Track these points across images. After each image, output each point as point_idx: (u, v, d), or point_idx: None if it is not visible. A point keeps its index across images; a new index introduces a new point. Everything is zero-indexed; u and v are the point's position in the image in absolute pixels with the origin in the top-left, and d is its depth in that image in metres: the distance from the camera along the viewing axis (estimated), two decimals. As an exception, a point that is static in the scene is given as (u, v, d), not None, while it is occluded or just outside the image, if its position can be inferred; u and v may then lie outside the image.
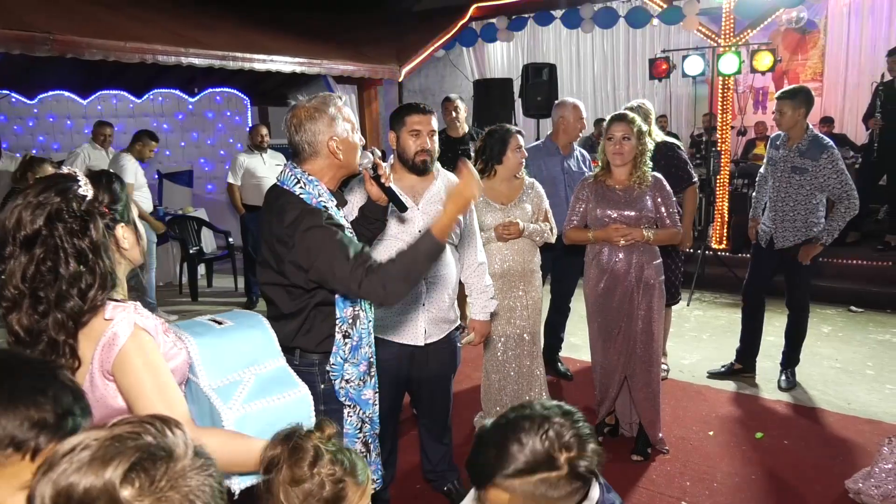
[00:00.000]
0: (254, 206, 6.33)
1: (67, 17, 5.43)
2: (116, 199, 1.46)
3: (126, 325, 1.34)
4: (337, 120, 2.04)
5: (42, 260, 1.31)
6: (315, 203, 1.98)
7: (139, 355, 1.33)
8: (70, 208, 1.33)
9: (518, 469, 1.15)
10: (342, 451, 0.97)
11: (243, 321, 1.66)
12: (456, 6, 8.61)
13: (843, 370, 4.43)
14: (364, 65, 7.51)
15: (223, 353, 1.54)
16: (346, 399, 2.08)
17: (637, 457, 3.36)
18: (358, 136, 2.10)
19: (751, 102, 9.41)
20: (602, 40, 9.84)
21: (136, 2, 6.81)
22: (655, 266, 3.24)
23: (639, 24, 7.86)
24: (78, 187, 1.36)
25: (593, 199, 3.26)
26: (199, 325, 1.61)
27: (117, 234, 1.45)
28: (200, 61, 5.91)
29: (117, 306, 1.37)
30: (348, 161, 2.07)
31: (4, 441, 0.88)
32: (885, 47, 8.21)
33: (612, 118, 3.24)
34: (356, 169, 2.12)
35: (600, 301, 3.29)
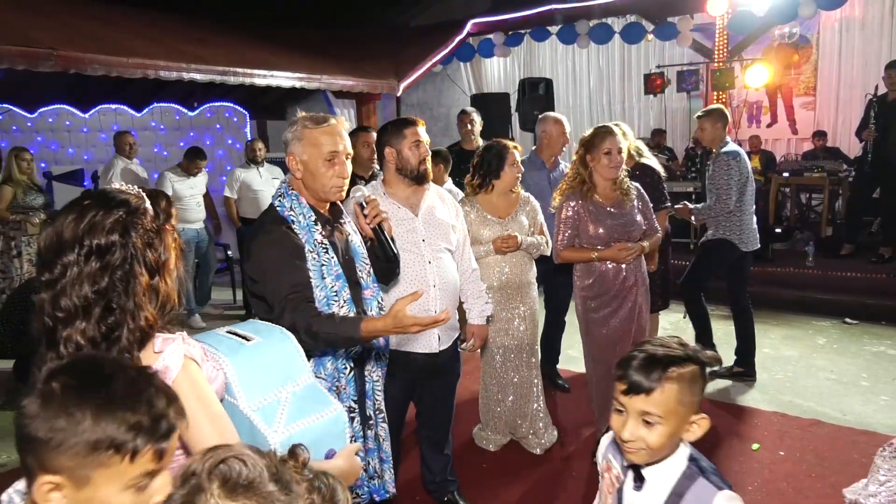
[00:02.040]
0: (251, 219, 6.40)
1: (70, 34, 5.50)
2: (167, 211, 1.41)
3: (177, 357, 1.31)
4: (301, 141, 2.03)
5: (117, 268, 1.26)
6: (286, 215, 2.03)
7: (191, 388, 1.30)
8: (144, 221, 1.32)
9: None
10: (318, 476, 0.92)
11: (268, 335, 1.61)
12: (453, 22, 8.72)
13: (838, 381, 4.47)
14: (363, 80, 7.59)
15: (259, 372, 1.51)
16: None
17: None
18: (334, 168, 2.03)
19: (745, 117, 9.51)
20: (598, 56, 9.95)
21: (137, 18, 6.90)
22: (645, 271, 3.41)
23: (634, 40, 7.97)
24: (124, 196, 1.33)
25: (585, 217, 3.25)
26: (224, 341, 1.56)
27: (162, 248, 1.40)
28: (202, 76, 5.98)
29: (167, 339, 1.33)
30: (311, 185, 2.05)
31: (105, 443, 0.92)
32: (877, 61, 8.35)
33: (606, 132, 3.21)
34: (326, 196, 2.08)
35: (603, 313, 3.31)
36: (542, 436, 3.58)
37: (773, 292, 6.43)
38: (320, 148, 2.02)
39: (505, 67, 10.25)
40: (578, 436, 3.80)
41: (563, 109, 9.65)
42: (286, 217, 2.03)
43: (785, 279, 6.62)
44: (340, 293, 2.04)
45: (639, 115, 9.90)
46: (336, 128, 2.06)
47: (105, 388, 0.96)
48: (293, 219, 2.03)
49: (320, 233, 2.05)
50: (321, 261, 2.02)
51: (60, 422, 0.92)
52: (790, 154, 8.99)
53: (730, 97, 8.27)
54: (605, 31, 7.87)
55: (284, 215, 2.04)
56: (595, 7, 7.72)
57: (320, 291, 2.00)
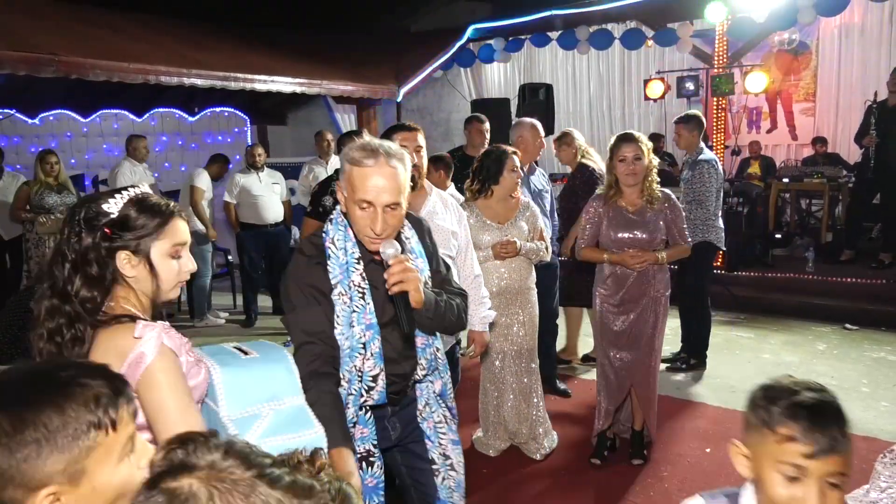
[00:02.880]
0: (250, 224, 6.41)
1: (72, 39, 5.52)
2: (129, 227, 1.46)
3: (153, 344, 1.38)
4: (343, 173, 1.81)
5: (52, 261, 1.45)
6: (326, 245, 1.85)
7: (164, 374, 1.37)
8: (76, 215, 1.45)
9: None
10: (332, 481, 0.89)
11: (268, 354, 1.64)
12: (454, 27, 8.75)
13: (838, 387, 4.45)
14: (363, 85, 7.61)
15: (245, 385, 1.54)
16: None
17: (637, 460, 3.46)
18: (366, 218, 1.76)
19: (745, 122, 9.52)
20: (598, 61, 9.97)
21: (139, 23, 6.92)
22: (665, 281, 3.39)
23: (634, 45, 7.99)
24: (104, 203, 1.45)
25: (605, 221, 3.34)
26: (224, 352, 1.62)
27: (117, 259, 1.45)
28: (202, 82, 6.00)
29: (147, 325, 1.40)
30: (353, 222, 1.82)
31: (85, 427, 0.93)
32: (876, 68, 8.37)
33: (620, 139, 3.29)
34: (364, 243, 1.83)
35: (612, 315, 3.39)
36: (543, 441, 3.58)
37: (774, 298, 6.43)
38: (354, 192, 1.76)
39: (505, 73, 10.27)
40: (579, 441, 3.79)
41: (563, 115, 9.67)
42: (325, 248, 1.84)
43: (785, 285, 6.62)
44: (368, 345, 1.84)
45: (639, 121, 9.90)
46: (378, 170, 1.74)
47: (53, 385, 0.96)
48: (331, 253, 1.82)
49: (360, 273, 1.83)
50: (352, 307, 1.82)
51: (28, 434, 0.90)
52: (790, 160, 9.00)
53: (729, 103, 8.28)
54: (605, 37, 7.89)
55: (324, 246, 1.84)
56: (595, 13, 7.74)
57: (346, 341, 1.82)
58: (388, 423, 2.00)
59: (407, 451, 2.08)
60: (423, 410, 2.02)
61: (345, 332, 1.82)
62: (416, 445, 2.05)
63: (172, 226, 1.51)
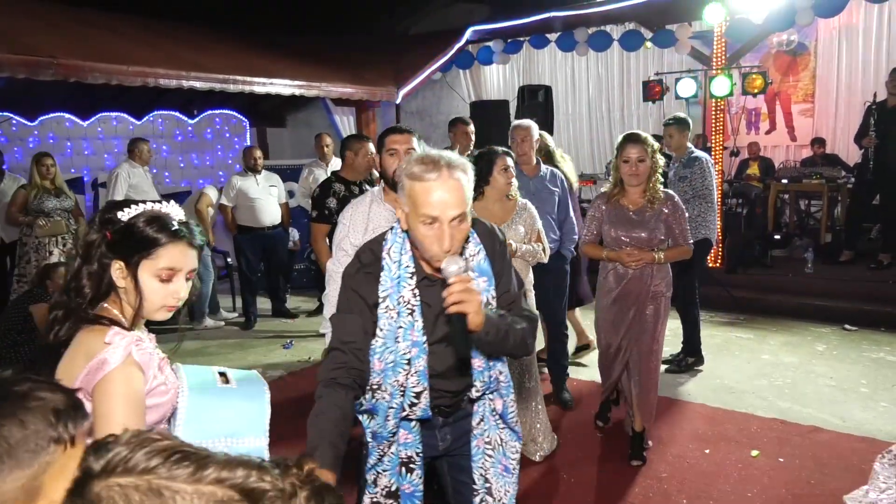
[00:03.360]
0: (248, 226, 6.42)
1: (70, 42, 5.53)
2: (128, 238, 1.48)
3: (119, 353, 1.39)
4: (404, 189, 1.68)
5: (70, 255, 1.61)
6: (383, 254, 1.78)
7: (121, 386, 1.37)
8: (98, 214, 1.54)
9: None
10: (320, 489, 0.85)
11: (247, 389, 1.60)
12: (452, 29, 8.75)
13: (837, 388, 4.47)
14: (362, 87, 7.61)
15: (208, 415, 1.52)
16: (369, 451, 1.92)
17: (636, 462, 3.49)
18: (431, 235, 1.64)
19: (744, 123, 9.53)
20: (597, 63, 9.97)
21: (137, 26, 6.93)
22: (666, 280, 3.45)
23: (632, 47, 8.00)
24: (122, 210, 1.50)
25: (607, 219, 3.43)
26: (206, 375, 1.60)
27: (112, 267, 1.49)
28: (201, 84, 6.01)
29: (119, 333, 1.41)
30: (416, 241, 1.70)
31: (45, 443, 0.91)
32: (875, 69, 8.37)
33: (626, 139, 3.35)
34: (430, 261, 1.71)
35: (611, 310, 3.48)
36: (542, 444, 3.58)
37: (773, 299, 6.43)
38: (417, 208, 1.64)
39: (504, 75, 10.27)
40: (579, 443, 3.80)
41: (562, 116, 9.68)
42: (381, 257, 1.77)
43: (784, 286, 6.62)
44: (414, 362, 1.76)
45: (637, 122, 9.91)
46: (441, 183, 1.62)
47: (9, 402, 0.93)
48: (387, 264, 1.75)
49: (412, 290, 1.75)
50: (399, 322, 1.75)
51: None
52: (789, 161, 9.00)
53: (728, 104, 8.28)
54: (603, 39, 7.89)
55: (382, 254, 1.77)
56: (593, 15, 7.74)
57: (389, 354, 1.77)
58: (437, 433, 1.93)
59: (454, 463, 2.01)
60: (476, 427, 1.92)
61: (389, 345, 1.76)
62: (463, 460, 1.96)
63: (172, 248, 1.49)
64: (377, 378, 1.80)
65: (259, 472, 0.76)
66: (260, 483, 0.74)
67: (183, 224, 1.53)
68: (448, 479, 2.04)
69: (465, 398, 1.91)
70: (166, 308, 1.53)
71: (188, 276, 1.55)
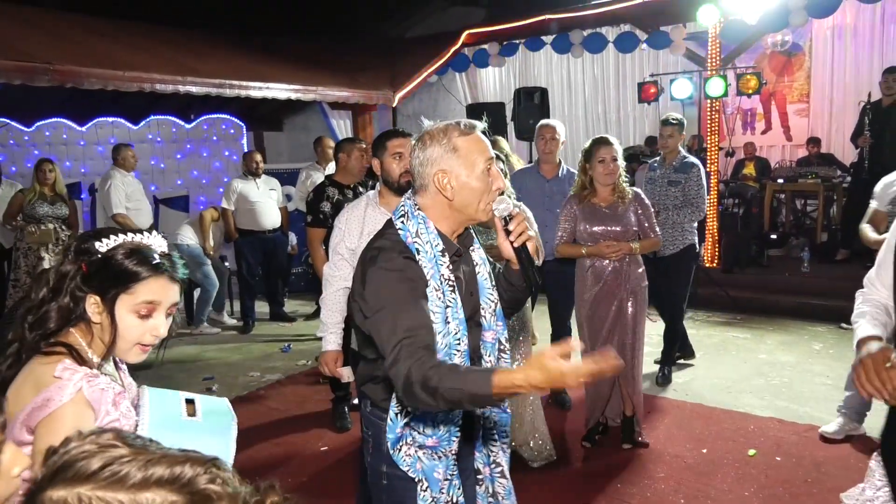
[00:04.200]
0: (248, 230, 6.44)
1: (67, 48, 5.53)
2: (105, 272, 1.40)
3: (68, 390, 1.30)
4: (456, 152, 1.69)
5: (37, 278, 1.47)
6: (409, 242, 1.70)
7: (71, 424, 1.26)
8: (73, 243, 1.45)
9: None
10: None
11: (213, 422, 1.49)
12: (448, 32, 8.77)
13: (834, 387, 4.47)
14: (358, 91, 7.63)
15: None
16: (411, 470, 1.72)
17: (627, 445, 3.66)
18: (492, 181, 1.71)
19: (739, 124, 9.56)
20: (592, 65, 10.01)
21: (133, 31, 6.94)
22: (640, 273, 3.61)
23: (627, 48, 8.03)
24: (99, 240, 1.41)
25: (581, 217, 3.58)
26: (170, 405, 1.49)
27: (87, 301, 1.40)
28: (197, 89, 6.01)
29: (68, 367, 1.33)
30: (463, 204, 1.71)
31: None
32: (869, 68, 8.41)
33: (597, 142, 3.56)
34: (477, 216, 1.75)
35: (593, 307, 3.59)
36: (538, 448, 3.54)
37: (769, 298, 6.45)
38: (477, 158, 1.69)
39: (500, 77, 10.30)
40: (575, 442, 3.80)
41: (558, 118, 9.59)
42: (410, 245, 1.70)
43: (781, 285, 6.65)
44: (462, 340, 1.71)
45: (634, 123, 9.95)
46: (481, 135, 1.76)
47: None
48: (418, 247, 1.69)
49: (447, 266, 1.71)
50: (446, 301, 1.68)
51: None
52: (784, 160, 9.04)
53: (723, 104, 8.31)
54: (598, 41, 7.92)
55: (408, 242, 1.70)
56: (588, 16, 7.77)
57: (443, 339, 1.66)
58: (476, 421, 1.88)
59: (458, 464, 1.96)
60: (480, 417, 1.90)
61: (440, 328, 1.67)
62: (464, 461, 1.89)
63: (152, 283, 1.41)
64: None
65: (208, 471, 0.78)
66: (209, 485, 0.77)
67: (165, 257, 1.45)
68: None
69: None
70: (140, 347, 1.45)
71: (169, 312, 1.46)
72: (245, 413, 4.30)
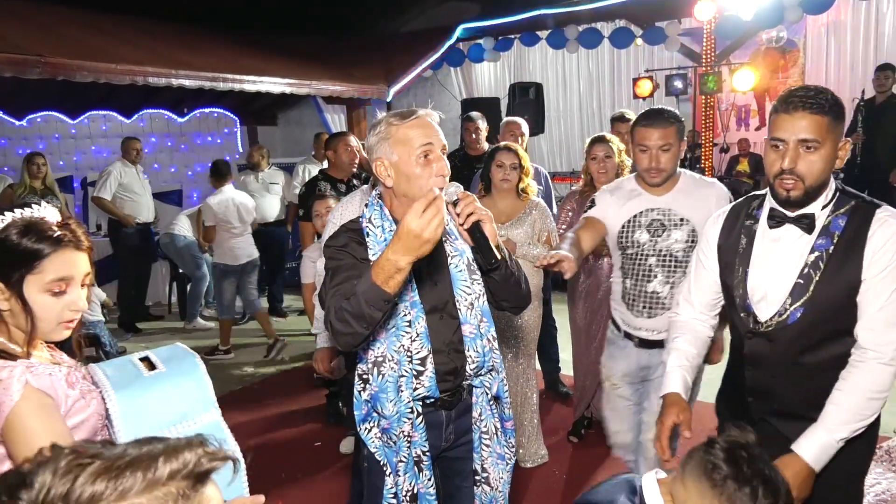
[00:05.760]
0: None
1: (58, 40, 5.48)
2: (3, 253, 1.30)
3: (14, 388, 1.23)
4: (388, 140, 1.74)
5: None
6: (363, 226, 1.79)
7: (31, 419, 1.23)
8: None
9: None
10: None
11: (177, 367, 1.45)
12: (443, 27, 8.75)
13: (827, 383, 4.49)
14: (353, 85, 7.59)
15: (145, 409, 1.36)
16: (377, 453, 1.81)
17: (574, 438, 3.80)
18: (430, 166, 1.72)
19: (733, 120, 9.58)
20: (587, 60, 10.00)
21: (126, 24, 6.88)
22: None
23: (622, 44, 8.03)
24: (11, 212, 1.33)
25: (578, 212, 3.56)
26: (127, 368, 1.43)
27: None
28: (191, 82, 5.97)
29: (5, 366, 1.25)
30: (406, 190, 1.75)
31: None
32: (863, 65, 8.43)
33: (593, 140, 3.63)
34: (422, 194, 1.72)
35: (585, 302, 3.65)
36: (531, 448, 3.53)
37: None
38: (412, 144, 1.72)
39: (495, 72, 10.28)
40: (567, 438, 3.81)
41: (553, 113, 9.69)
42: (363, 228, 1.79)
43: (774, 281, 6.65)
44: (414, 324, 1.75)
45: (629, 119, 9.95)
46: (425, 120, 1.76)
47: None
48: (369, 231, 1.77)
49: None
50: None
51: None
52: (778, 157, 9.05)
53: (718, 101, 8.33)
54: (593, 36, 7.92)
55: (362, 226, 1.80)
56: (584, 12, 7.76)
57: (390, 319, 1.73)
58: (444, 432, 1.88)
59: (449, 466, 1.95)
60: (476, 420, 1.89)
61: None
62: (458, 463, 1.93)
63: (57, 257, 1.32)
64: (381, 348, 1.76)
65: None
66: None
67: (63, 227, 1.35)
68: (441, 483, 1.97)
69: (465, 386, 1.87)
70: (63, 325, 1.37)
71: (83, 283, 1.38)
72: (239, 408, 4.29)
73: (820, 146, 1.64)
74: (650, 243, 2.50)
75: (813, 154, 1.66)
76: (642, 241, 2.51)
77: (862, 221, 1.71)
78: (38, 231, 1.31)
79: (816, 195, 1.73)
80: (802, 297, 1.74)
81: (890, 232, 1.67)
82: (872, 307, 1.68)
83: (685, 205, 2.48)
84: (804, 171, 1.66)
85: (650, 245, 2.50)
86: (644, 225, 2.51)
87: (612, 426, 2.82)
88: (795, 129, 1.65)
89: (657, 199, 2.52)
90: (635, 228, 2.53)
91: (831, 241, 1.73)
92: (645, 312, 2.54)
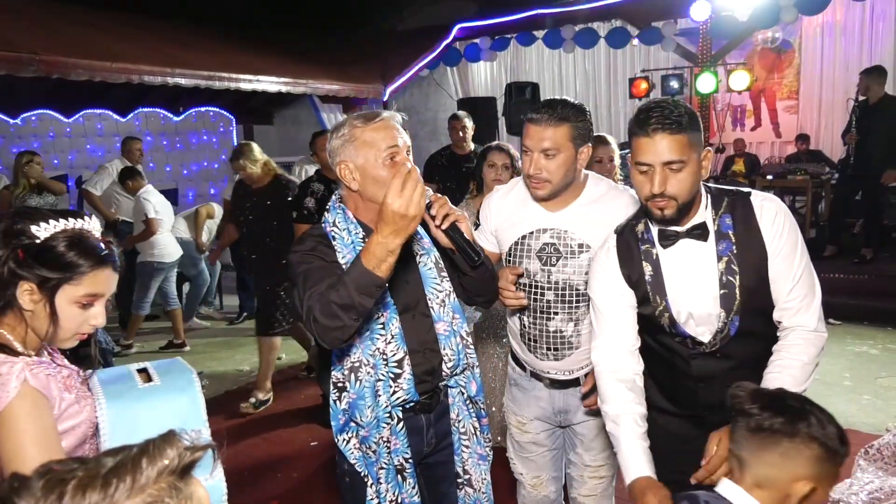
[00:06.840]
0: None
1: (53, 38, 5.46)
2: (46, 260, 1.31)
3: (12, 384, 1.23)
4: (352, 143, 1.68)
5: None
6: (328, 231, 1.75)
7: (25, 419, 1.22)
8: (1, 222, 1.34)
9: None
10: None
11: (172, 382, 1.45)
12: (440, 26, 8.75)
13: (821, 381, 4.51)
14: (349, 84, 7.59)
15: (135, 421, 1.35)
16: (358, 464, 1.77)
17: None
18: (398, 169, 1.60)
19: (729, 120, 9.61)
20: (584, 60, 10.02)
21: (122, 22, 6.86)
22: None
23: (619, 44, 8.04)
24: (36, 223, 1.31)
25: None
26: (123, 379, 1.45)
27: (19, 287, 1.31)
28: (187, 81, 5.95)
29: (7, 361, 1.25)
30: (372, 195, 1.69)
31: None
32: (858, 65, 8.45)
33: (594, 142, 3.49)
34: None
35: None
36: None
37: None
38: (377, 147, 1.66)
39: (491, 72, 10.29)
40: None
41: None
42: (328, 233, 1.75)
43: (769, 281, 6.67)
44: (388, 325, 1.72)
45: (625, 119, 9.95)
46: (389, 122, 1.71)
47: None
48: (335, 235, 1.73)
49: None
50: None
51: None
52: (774, 157, 9.09)
53: (714, 101, 8.35)
54: (590, 36, 7.93)
55: (327, 231, 1.75)
56: (580, 12, 7.78)
57: (364, 323, 1.68)
58: (425, 437, 1.85)
59: (432, 473, 1.92)
60: (454, 421, 1.87)
61: None
62: (440, 468, 1.90)
63: (96, 274, 1.34)
64: (356, 353, 1.72)
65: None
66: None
67: (108, 245, 1.38)
68: (426, 491, 1.94)
69: (442, 387, 1.85)
70: (78, 336, 1.38)
71: (107, 301, 1.41)
72: (234, 408, 4.28)
73: (685, 164, 1.62)
74: (542, 273, 2.04)
75: (680, 173, 1.63)
76: (533, 272, 2.06)
77: (746, 212, 1.73)
78: (86, 246, 1.33)
79: (690, 208, 1.71)
80: (733, 304, 1.73)
81: (773, 213, 1.72)
82: (786, 286, 1.72)
83: (585, 225, 2.02)
84: (675, 191, 1.64)
85: (543, 276, 2.04)
86: (535, 251, 2.05)
87: (528, 474, 2.36)
88: (658, 152, 1.61)
89: (551, 217, 2.05)
90: (523, 254, 2.08)
91: (731, 242, 1.73)
92: (550, 355, 2.10)
